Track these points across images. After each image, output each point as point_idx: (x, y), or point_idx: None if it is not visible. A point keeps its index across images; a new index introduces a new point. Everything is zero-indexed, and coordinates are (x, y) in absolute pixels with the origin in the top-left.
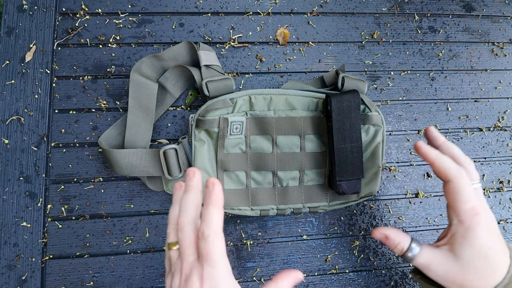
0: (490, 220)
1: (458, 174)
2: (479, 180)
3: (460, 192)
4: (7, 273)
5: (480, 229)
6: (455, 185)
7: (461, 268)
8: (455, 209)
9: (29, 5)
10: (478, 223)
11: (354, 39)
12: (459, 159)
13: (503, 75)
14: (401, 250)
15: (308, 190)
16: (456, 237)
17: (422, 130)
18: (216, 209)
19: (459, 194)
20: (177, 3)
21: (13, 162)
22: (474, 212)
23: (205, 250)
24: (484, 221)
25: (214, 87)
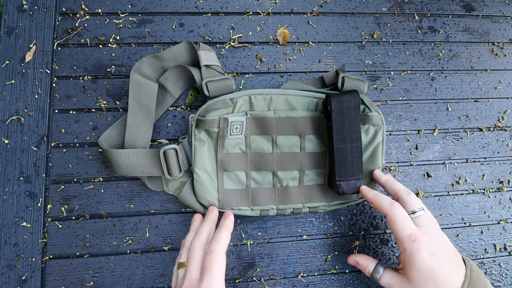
0: (434, 243)
1: (391, 207)
2: (421, 208)
3: (394, 222)
4: (7, 273)
5: (421, 253)
6: (390, 217)
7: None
8: (397, 238)
9: (29, 5)
10: (418, 249)
11: (354, 39)
12: (399, 194)
13: (503, 75)
14: (369, 272)
15: (308, 190)
16: (405, 263)
17: (422, 130)
18: (227, 232)
19: (394, 224)
20: (177, 3)
21: (13, 162)
22: (411, 239)
23: (208, 262)
24: (424, 245)
25: (214, 87)
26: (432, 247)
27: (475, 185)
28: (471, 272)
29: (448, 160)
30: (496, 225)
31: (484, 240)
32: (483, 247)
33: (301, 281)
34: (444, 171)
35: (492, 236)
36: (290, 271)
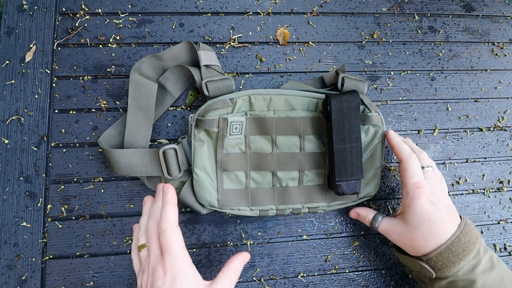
0: (435, 194)
1: (408, 155)
2: (430, 165)
3: (408, 169)
4: (7, 273)
5: (422, 199)
6: (404, 164)
7: (409, 232)
8: (404, 184)
9: (29, 5)
10: (420, 194)
11: (354, 39)
12: (414, 150)
13: (503, 75)
14: (368, 221)
15: (308, 191)
16: (405, 207)
17: (422, 130)
18: (171, 207)
19: (407, 171)
20: (177, 3)
21: (13, 162)
22: (417, 186)
23: (164, 242)
24: (426, 193)
25: (214, 87)
26: (433, 196)
27: (475, 185)
28: (465, 225)
29: (448, 160)
30: (496, 225)
31: (484, 240)
32: None
33: (301, 281)
34: (444, 171)
35: (492, 236)
36: (290, 271)
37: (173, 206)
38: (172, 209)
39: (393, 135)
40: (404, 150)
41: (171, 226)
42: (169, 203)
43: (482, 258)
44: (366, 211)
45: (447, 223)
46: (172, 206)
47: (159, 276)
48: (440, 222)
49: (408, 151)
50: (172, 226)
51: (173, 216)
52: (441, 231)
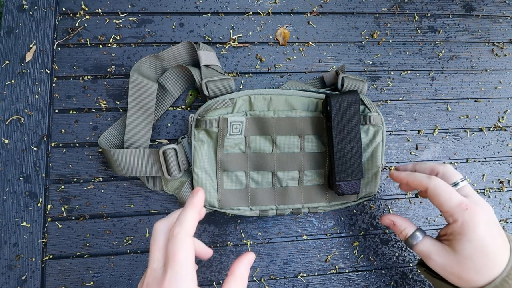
0: (487, 213)
1: (430, 179)
2: (463, 178)
3: (438, 194)
4: (7, 273)
5: (476, 223)
6: (431, 190)
7: (459, 262)
8: (445, 210)
9: (29, 5)
10: (472, 218)
11: (354, 39)
12: (435, 168)
13: (503, 75)
14: (405, 236)
15: (308, 191)
16: (454, 234)
17: (422, 130)
18: (193, 211)
19: (440, 196)
20: (177, 3)
21: (13, 162)
22: (463, 207)
23: (170, 251)
24: (479, 215)
25: (214, 87)
26: (487, 216)
27: (475, 185)
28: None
29: (448, 160)
30: None
31: None
32: None
33: (301, 281)
34: None
35: None
36: (290, 271)
37: (194, 211)
38: (193, 214)
39: (397, 173)
40: (420, 177)
41: (184, 232)
42: (192, 206)
43: None
44: (404, 222)
45: (501, 252)
46: (194, 211)
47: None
48: (497, 250)
49: (426, 176)
50: (186, 234)
51: (191, 222)
52: (497, 260)
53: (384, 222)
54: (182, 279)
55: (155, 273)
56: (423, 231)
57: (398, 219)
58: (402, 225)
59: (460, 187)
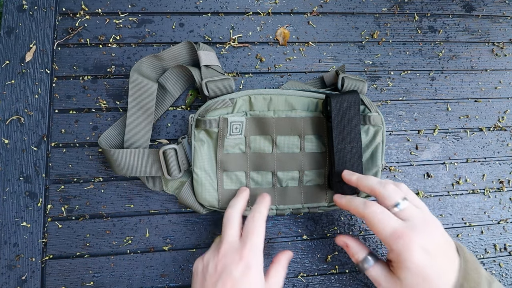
0: (424, 236)
1: (364, 207)
2: (403, 198)
3: (372, 222)
4: (7, 273)
5: (411, 250)
6: (367, 218)
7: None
8: (381, 239)
9: (29, 5)
10: (406, 246)
11: (354, 39)
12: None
13: (503, 75)
14: (357, 260)
15: (308, 191)
16: (394, 262)
17: (422, 130)
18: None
19: (373, 224)
20: (177, 3)
21: (13, 162)
22: (395, 236)
23: (251, 228)
24: (413, 241)
25: (214, 87)
26: (422, 241)
27: (475, 185)
28: (465, 263)
29: (448, 160)
30: (496, 225)
31: (484, 240)
32: (483, 247)
33: (301, 281)
34: (444, 171)
35: (492, 236)
36: (290, 271)
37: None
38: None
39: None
40: (356, 204)
41: (261, 218)
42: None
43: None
44: (357, 246)
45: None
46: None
47: (234, 260)
48: (440, 274)
49: (362, 201)
50: (263, 219)
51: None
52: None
53: (338, 243)
54: (258, 249)
55: (232, 244)
56: (375, 255)
57: (351, 241)
58: (355, 248)
59: (401, 209)
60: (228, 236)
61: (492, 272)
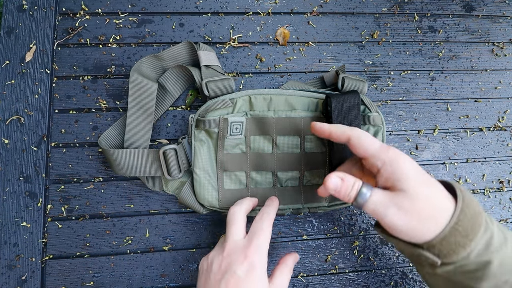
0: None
1: (352, 129)
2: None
3: (363, 140)
4: (7, 273)
5: (404, 157)
6: (355, 137)
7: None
8: (370, 155)
9: (29, 5)
10: (397, 153)
11: (354, 39)
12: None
13: (503, 75)
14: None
15: (308, 191)
16: (390, 178)
17: (422, 130)
18: (274, 209)
19: (364, 141)
20: (177, 3)
21: (13, 162)
22: (385, 148)
23: (258, 228)
24: (402, 154)
25: (214, 87)
26: (410, 159)
27: (475, 185)
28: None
29: (448, 160)
30: None
31: None
32: None
33: (301, 281)
34: (444, 171)
35: None
36: None
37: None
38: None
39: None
40: (345, 128)
41: (268, 219)
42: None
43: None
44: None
45: (442, 195)
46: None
47: (238, 260)
48: (439, 191)
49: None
50: (270, 220)
51: (273, 215)
52: (441, 205)
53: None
54: (263, 249)
55: (237, 243)
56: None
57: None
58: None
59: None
60: (232, 235)
61: None
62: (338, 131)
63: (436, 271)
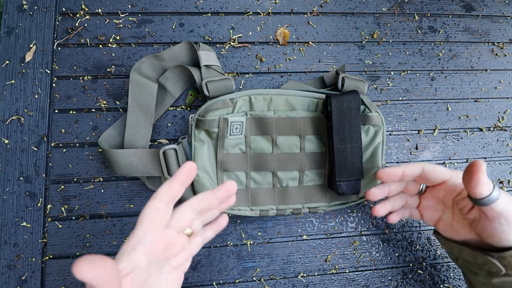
0: None
1: (422, 163)
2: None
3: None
4: (7, 273)
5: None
6: (428, 167)
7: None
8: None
9: (29, 5)
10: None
11: (354, 39)
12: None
13: (503, 75)
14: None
15: (308, 191)
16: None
17: (422, 130)
18: (168, 182)
19: (436, 168)
20: (177, 3)
21: (13, 162)
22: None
23: (141, 213)
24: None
25: (214, 87)
26: None
27: None
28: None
29: (448, 160)
30: None
31: None
32: None
33: (301, 281)
34: None
35: None
36: (290, 271)
37: (170, 182)
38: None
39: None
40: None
41: (153, 197)
42: (173, 177)
43: None
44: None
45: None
46: (169, 182)
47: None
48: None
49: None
50: (153, 198)
51: (162, 192)
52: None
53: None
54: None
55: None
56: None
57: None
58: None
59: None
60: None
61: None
62: (409, 166)
63: (492, 281)
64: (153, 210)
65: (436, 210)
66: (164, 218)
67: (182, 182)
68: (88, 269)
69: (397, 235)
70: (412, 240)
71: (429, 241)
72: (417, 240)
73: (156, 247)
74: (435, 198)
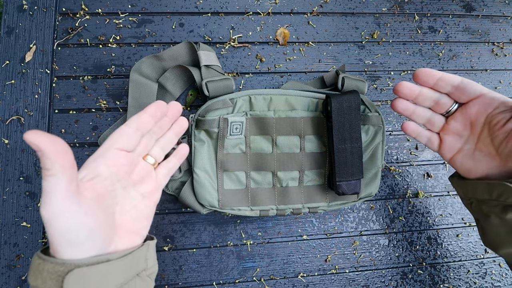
0: None
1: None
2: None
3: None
4: (7, 273)
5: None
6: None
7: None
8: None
9: (29, 5)
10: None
11: (354, 39)
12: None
13: (503, 75)
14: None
15: (308, 191)
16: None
17: None
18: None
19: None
20: (177, 3)
21: (13, 162)
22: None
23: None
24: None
25: (214, 87)
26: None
27: None
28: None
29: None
30: None
31: None
32: (483, 247)
33: (301, 281)
34: (444, 171)
35: None
36: (290, 271)
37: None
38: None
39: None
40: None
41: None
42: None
43: None
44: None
45: None
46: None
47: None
48: None
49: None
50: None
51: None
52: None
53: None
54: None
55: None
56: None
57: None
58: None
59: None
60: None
61: (492, 272)
62: (446, 75)
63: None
64: (119, 131)
65: (460, 137)
66: (129, 141)
67: (151, 114)
68: (39, 136)
69: (397, 235)
70: (412, 240)
71: (429, 241)
72: (417, 240)
73: (118, 162)
74: (464, 118)
